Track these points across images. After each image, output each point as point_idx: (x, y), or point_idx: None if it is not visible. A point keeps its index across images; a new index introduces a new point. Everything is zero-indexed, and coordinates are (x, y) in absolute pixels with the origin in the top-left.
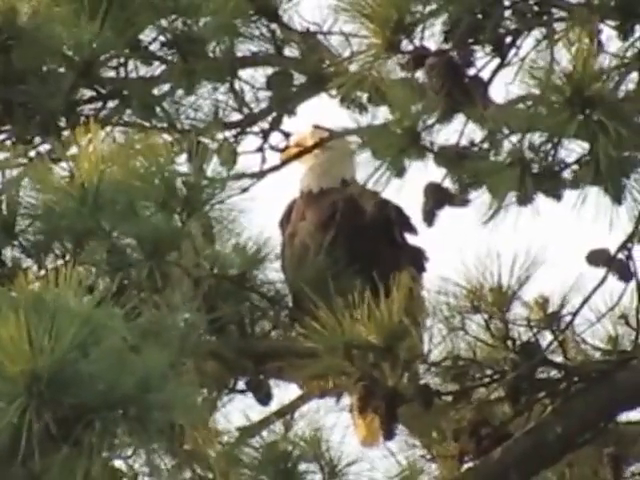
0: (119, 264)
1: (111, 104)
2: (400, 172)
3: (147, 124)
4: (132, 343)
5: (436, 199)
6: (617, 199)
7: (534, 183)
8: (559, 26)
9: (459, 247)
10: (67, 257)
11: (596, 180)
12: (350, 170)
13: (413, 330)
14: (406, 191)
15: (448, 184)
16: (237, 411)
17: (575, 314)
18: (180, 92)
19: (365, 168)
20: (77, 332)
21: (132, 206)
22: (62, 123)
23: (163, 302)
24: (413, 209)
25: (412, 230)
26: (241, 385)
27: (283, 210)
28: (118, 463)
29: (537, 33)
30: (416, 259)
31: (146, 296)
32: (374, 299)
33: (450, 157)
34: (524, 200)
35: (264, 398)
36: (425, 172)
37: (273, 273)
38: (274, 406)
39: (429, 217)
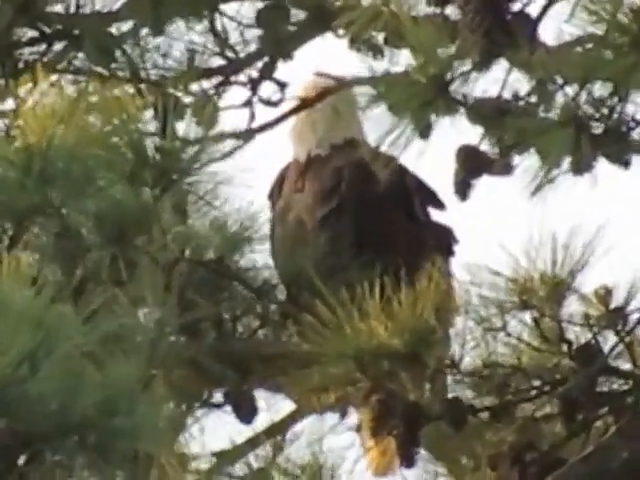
0: (74, 250)
1: (58, 46)
2: (424, 131)
3: (104, 72)
4: (92, 352)
5: (471, 166)
6: None
7: (593, 146)
8: None
9: (499, 226)
10: (6, 241)
11: None
12: (359, 128)
13: (441, 331)
14: (431, 156)
15: (485, 147)
16: (214, 430)
17: None
18: (146, 32)
19: (379, 126)
20: (24, 340)
21: (89, 176)
22: None
23: (129, 299)
24: (440, 179)
25: (438, 204)
26: (219, 398)
27: (273, 179)
28: None
29: None
30: (443, 241)
31: (108, 292)
32: (391, 291)
33: (488, 113)
34: (581, 167)
35: (248, 414)
36: (456, 132)
37: (260, 257)
38: (261, 424)
39: (462, 188)
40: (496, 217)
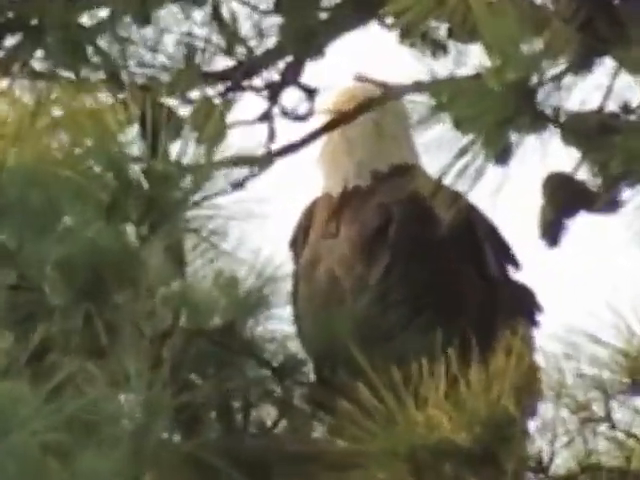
0: (32, 309)
1: (10, 41)
2: (501, 156)
3: (72, 75)
4: (56, 443)
5: (563, 201)
6: None
7: None
8: None
9: (601, 279)
10: None
11: None
12: (412, 151)
13: (523, 422)
14: (510, 189)
15: (584, 176)
16: None
17: None
18: (128, 22)
19: (440, 149)
20: None
21: (53, 210)
22: None
23: (106, 375)
24: (522, 218)
25: (511, 260)
26: None
27: (298, 219)
28: None
29: None
30: (524, 305)
31: (78, 365)
32: (457, 370)
33: (588, 131)
34: None
35: None
36: (544, 156)
37: (280, 325)
38: None
39: (551, 231)
40: (598, 268)
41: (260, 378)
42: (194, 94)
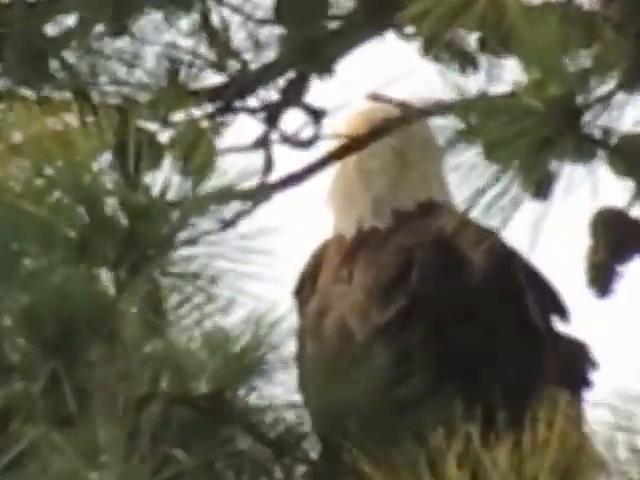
0: None
1: None
2: (541, 188)
3: (34, 92)
4: None
5: (616, 241)
6: None
7: None
8: None
9: None
10: None
11: None
12: (438, 184)
13: None
14: (552, 228)
15: (639, 212)
16: None
17: None
18: (100, 31)
19: (470, 179)
20: None
21: (13, 252)
22: None
23: (75, 447)
24: (566, 262)
25: (559, 310)
26: None
27: (304, 265)
28: None
29: None
30: (573, 364)
31: (42, 435)
32: (487, 445)
33: None
34: None
35: None
36: (592, 187)
37: (281, 391)
38: None
39: (602, 277)
40: None
41: (254, 453)
42: (178, 116)
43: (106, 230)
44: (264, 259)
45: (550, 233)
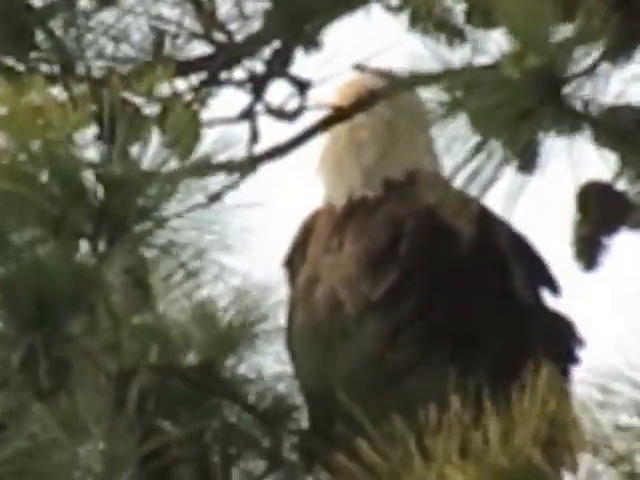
0: None
1: None
2: (525, 159)
3: (18, 65)
4: None
5: (601, 214)
6: None
7: None
8: None
9: None
10: None
11: None
12: (428, 154)
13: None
14: (537, 201)
15: (624, 185)
16: None
17: None
18: (86, 3)
19: (456, 149)
20: None
21: None
22: None
23: (58, 420)
24: (552, 235)
25: (549, 283)
26: None
27: (293, 235)
28: None
29: None
30: (559, 339)
31: (24, 407)
32: (474, 417)
33: (625, 129)
34: None
35: None
36: (576, 160)
37: (270, 362)
38: None
39: (588, 251)
40: None
41: (244, 425)
42: (163, 89)
43: (83, 203)
44: (251, 231)
45: (535, 207)
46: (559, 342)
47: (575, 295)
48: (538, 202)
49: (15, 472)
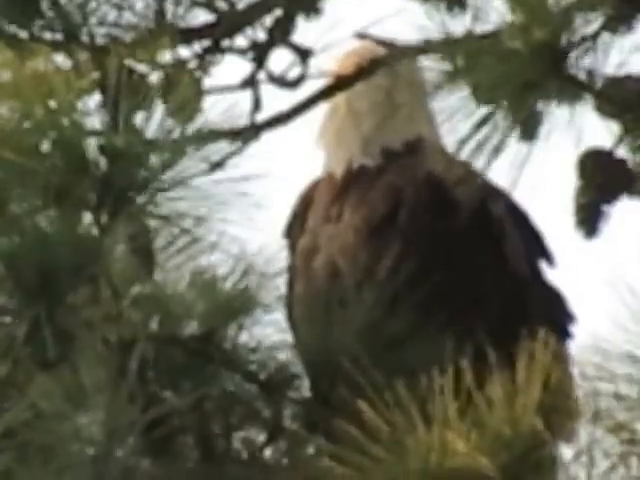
0: None
1: None
2: (527, 129)
3: (21, 33)
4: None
5: (603, 182)
6: None
7: None
8: None
9: None
10: None
11: None
12: (428, 124)
13: (554, 445)
14: (539, 169)
15: (625, 153)
16: None
17: None
18: None
19: (457, 120)
20: None
21: None
22: None
23: (61, 389)
24: (553, 203)
25: (544, 254)
26: None
27: (293, 205)
28: None
29: None
30: (555, 310)
31: (26, 377)
32: (475, 383)
33: (627, 99)
34: None
35: None
36: (578, 130)
37: (271, 331)
38: None
39: (589, 218)
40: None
41: (245, 394)
42: (165, 57)
43: (86, 173)
44: (252, 200)
45: (537, 176)
46: (552, 316)
47: (575, 265)
48: (540, 171)
49: (17, 443)
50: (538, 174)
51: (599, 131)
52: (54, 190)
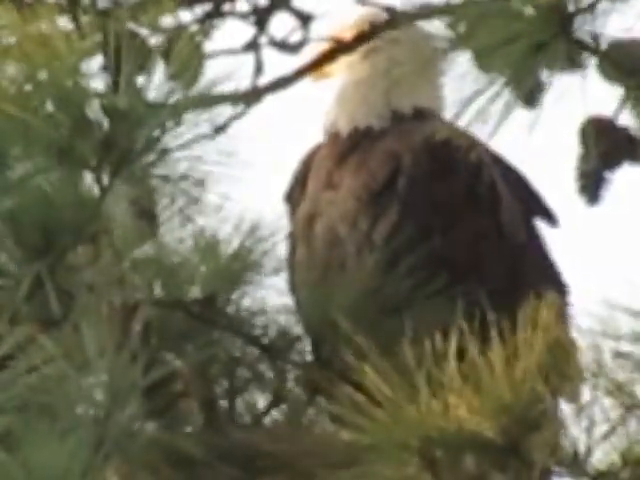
0: None
1: None
2: (530, 95)
3: None
4: (4, 429)
5: (605, 149)
6: None
7: None
8: None
9: None
10: None
11: None
12: (427, 90)
13: (555, 408)
14: (542, 134)
15: (628, 120)
16: None
17: None
18: None
19: (458, 87)
20: None
21: None
22: None
23: (62, 349)
24: (556, 170)
25: (547, 215)
26: None
27: (295, 169)
28: None
29: None
30: (553, 272)
31: (27, 336)
32: (476, 346)
33: (633, 62)
34: None
35: None
36: (582, 95)
37: (273, 295)
38: None
39: (591, 185)
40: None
41: (248, 358)
42: (167, 20)
43: (87, 133)
44: (254, 163)
45: (539, 142)
46: (550, 280)
47: (578, 227)
48: (545, 138)
49: (19, 404)
50: (541, 141)
51: (602, 100)
52: (56, 150)
